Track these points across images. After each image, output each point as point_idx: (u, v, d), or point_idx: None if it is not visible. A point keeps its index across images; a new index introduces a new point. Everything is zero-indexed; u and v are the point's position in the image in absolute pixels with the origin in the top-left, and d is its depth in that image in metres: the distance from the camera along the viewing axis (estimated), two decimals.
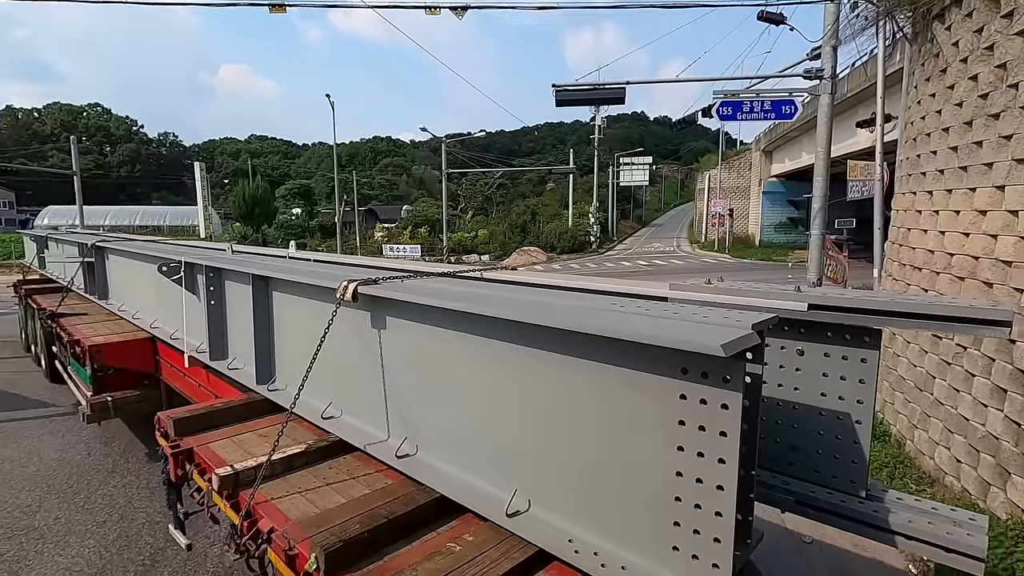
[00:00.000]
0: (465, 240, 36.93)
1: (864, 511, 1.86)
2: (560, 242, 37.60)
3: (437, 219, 38.30)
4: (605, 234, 44.45)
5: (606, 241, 43.63)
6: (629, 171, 48.86)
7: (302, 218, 48.05)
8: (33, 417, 6.88)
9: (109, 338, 5.16)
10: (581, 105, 39.62)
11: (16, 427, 6.59)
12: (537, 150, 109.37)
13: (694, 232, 50.25)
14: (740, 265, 28.60)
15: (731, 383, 1.35)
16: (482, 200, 53.42)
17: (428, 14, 10.34)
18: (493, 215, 50.57)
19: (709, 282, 2.24)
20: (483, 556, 1.80)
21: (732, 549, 1.39)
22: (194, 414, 3.00)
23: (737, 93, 10.90)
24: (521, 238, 37.77)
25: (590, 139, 49.68)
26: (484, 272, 2.94)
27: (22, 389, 7.80)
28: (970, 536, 1.72)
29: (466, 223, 45.37)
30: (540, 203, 48.45)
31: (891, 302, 1.81)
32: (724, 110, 10.68)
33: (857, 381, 1.90)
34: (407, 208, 53.39)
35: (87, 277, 6.70)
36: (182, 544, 2.99)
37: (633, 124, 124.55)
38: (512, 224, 40.05)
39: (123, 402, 5.22)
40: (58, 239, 8.46)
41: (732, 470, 1.37)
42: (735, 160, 43.82)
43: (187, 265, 3.88)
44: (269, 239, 37.02)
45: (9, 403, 7.34)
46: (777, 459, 2.10)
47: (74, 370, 5.75)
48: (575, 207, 42.80)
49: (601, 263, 31.41)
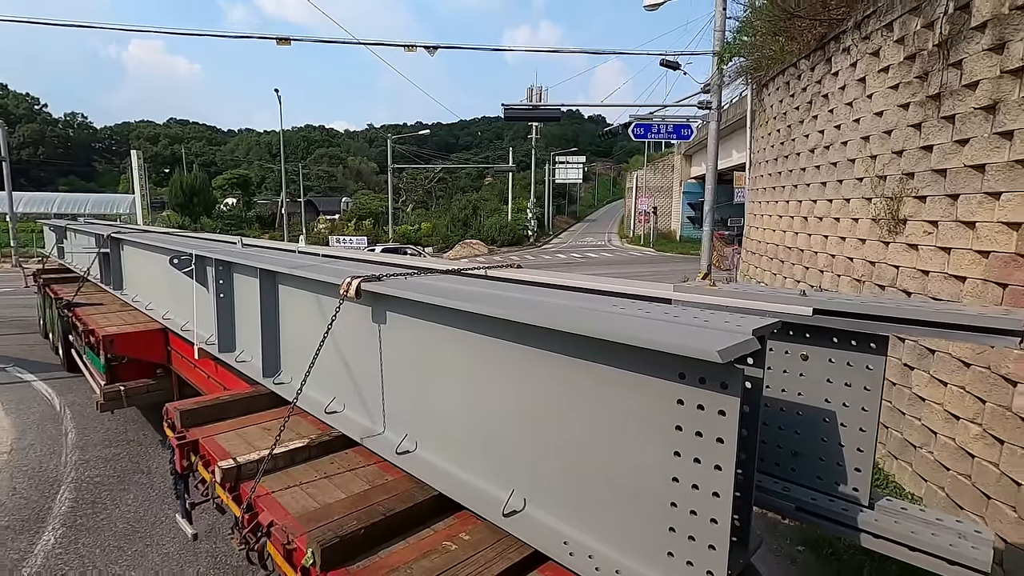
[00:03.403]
0: (409, 233, 38.37)
1: (866, 520, 1.82)
2: (500, 236, 39.74)
3: (380, 212, 39.53)
4: (542, 228, 47.10)
5: (543, 235, 46.05)
6: (564, 169, 51.83)
7: (238, 208, 47.33)
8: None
9: (122, 328, 5.20)
10: (526, 121, 41.96)
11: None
12: (475, 144, 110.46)
13: (624, 228, 52.93)
14: (660, 258, 32.02)
15: (729, 389, 1.33)
16: (423, 194, 54.84)
17: (406, 51, 12.34)
18: (434, 208, 52.14)
19: (713, 284, 2.22)
20: (478, 555, 1.80)
21: (727, 556, 1.38)
22: (200, 406, 3.03)
23: (651, 115, 13.59)
24: (463, 231, 39.63)
25: (527, 136, 52.25)
26: (489, 270, 2.95)
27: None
28: (974, 548, 1.67)
29: (408, 216, 46.72)
30: (480, 198, 50.49)
31: (897, 308, 1.76)
32: (638, 130, 13.33)
33: (862, 388, 1.86)
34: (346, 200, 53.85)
35: (103, 267, 6.79)
36: (188, 534, 3.01)
37: (568, 122, 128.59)
38: (454, 218, 41.81)
39: (135, 392, 5.27)
40: (76, 230, 8.58)
41: (728, 477, 1.35)
42: (660, 162, 48.10)
43: (198, 258, 3.90)
44: (207, 230, 36.53)
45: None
46: (779, 464, 2.07)
47: (89, 359, 5.82)
48: (514, 202, 45.27)
49: (539, 256, 33.72)
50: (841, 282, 5.81)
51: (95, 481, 5.40)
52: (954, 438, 4.02)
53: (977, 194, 3.89)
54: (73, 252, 8.84)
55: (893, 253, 4.89)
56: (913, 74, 4.71)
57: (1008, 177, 3.63)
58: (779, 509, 1.97)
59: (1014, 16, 3.63)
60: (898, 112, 4.94)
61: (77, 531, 4.58)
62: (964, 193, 4.03)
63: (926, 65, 4.52)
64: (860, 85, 5.64)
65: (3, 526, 4.64)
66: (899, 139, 4.90)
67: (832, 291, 4.83)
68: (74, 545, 4.38)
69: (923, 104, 4.57)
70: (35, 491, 5.21)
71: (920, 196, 4.55)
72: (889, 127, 5.06)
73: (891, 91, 5.06)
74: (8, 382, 8.25)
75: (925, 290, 4.43)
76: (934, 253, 4.34)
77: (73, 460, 5.80)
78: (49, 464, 5.73)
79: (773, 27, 7.75)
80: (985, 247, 3.79)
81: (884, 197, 5.00)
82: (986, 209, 3.81)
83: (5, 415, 7.03)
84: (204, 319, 4.00)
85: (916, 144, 4.64)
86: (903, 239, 4.75)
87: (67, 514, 4.85)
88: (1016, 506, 3.41)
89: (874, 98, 5.36)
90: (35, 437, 6.42)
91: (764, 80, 8.68)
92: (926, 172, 4.49)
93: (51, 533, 4.56)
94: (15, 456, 5.91)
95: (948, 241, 4.18)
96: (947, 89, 4.26)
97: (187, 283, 4.05)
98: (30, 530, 4.60)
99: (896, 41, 4.99)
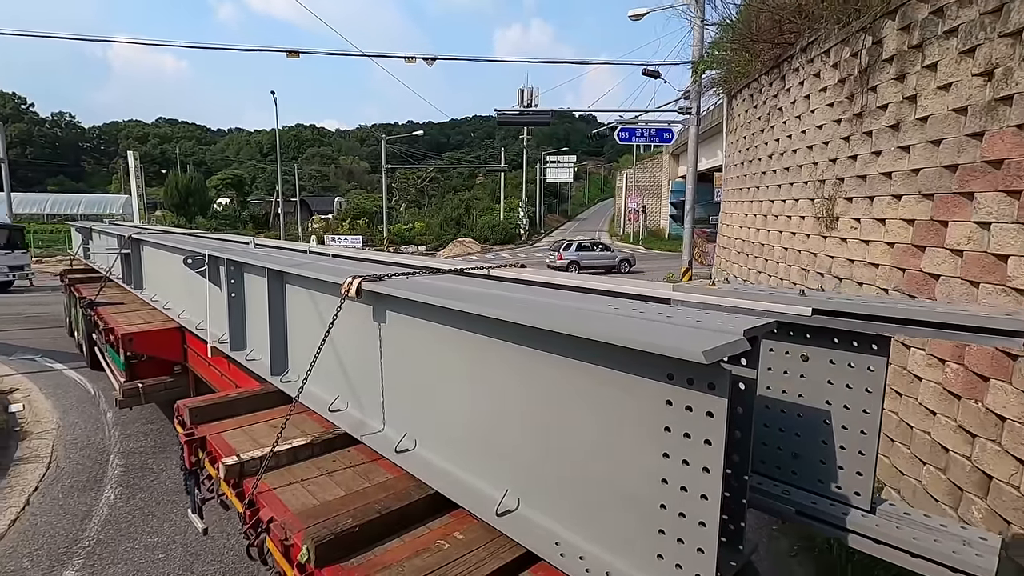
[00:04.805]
0: (403, 231, 39.11)
1: (867, 525, 1.78)
2: (493, 234, 40.55)
3: (374, 211, 40.22)
4: (533, 227, 47.97)
5: (534, 233, 46.95)
6: (555, 169, 52.70)
7: (232, 208, 47.81)
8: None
9: (141, 327, 5.34)
10: (517, 126, 42.44)
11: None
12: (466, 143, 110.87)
13: (614, 226, 53.59)
14: (648, 255, 32.90)
15: (716, 390, 1.31)
16: (415, 193, 55.60)
17: (407, 63, 13.13)
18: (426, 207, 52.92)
19: (714, 283, 2.20)
20: (471, 555, 1.80)
21: (716, 560, 1.37)
22: (209, 403, 3.08)
23: (636, 119, 14.46)
24: (456, 230, 40.43)
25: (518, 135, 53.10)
26: (491, 270, 2.96)
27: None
28: (979, 556, 1.62)
29: (402, 215, 47.45)
30: (473, 197, 51.33)
31: (898, 308, 1.72)
32: (623, 134, 14.21)
33: (864, 390, 1.83)
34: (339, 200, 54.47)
35: (124, 268, 7.01)
36: (199, 528, 3.06)
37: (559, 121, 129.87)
38: (447, 217, 42.61)
39: (153, 389, 5.41)
40: (101, 231, 8.94)
41: (716, 480, 1.34)
42: (649, 161, 49.14)
43: (211, 258, 3.98)
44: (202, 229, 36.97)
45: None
46: (780, 467, 2.04)
47: (110, 357, 6.01)
48: (506, 201, 46.15)
49: (530, 253, 34.58)
50: (792, 271, 6.66)
51: (139, 451, 6.11)
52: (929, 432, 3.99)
53: (887, 196, 4.74)
54: (96, 253, 9.28)
55: (829, 245, 5.74)
56: (844, 94, 5.55)
57: (906, 183, 4.47)
58: (779, 512, 1.95)
59: (911, 53, 4.48)
60: (833, 126, 5.78)
61: (132, 489, 5.31)
62: (878, 195, 4.87)
63: (852, 88, 5.36)
64: (806, 101, 6.49)
65: (69, 485, 5.37)
66: (833, 149, 5.74)
67: (832, 291, 4.96)
68: (132, 500, 5.11)
69: (851, 120, 5.42)
70: (88, 459, 5.93)
71: (848, 197, 5.40)
72: (827, 139, 5.91)
73: (828, 108, 5.90)
74: (41, 370, 8.89)
75: (852, 276, 5.27)
76: (858, 245, 5.19)
77: (116, 435, 6.50)
78: (95, 438, 6.43)
79: (741, 45, 8.61)
80: (891, 239, 4.64)
81: (823, 198, 5.86)
82: (892, 208, 4.65)
83: (45, 398, 7.70)
84: (217, 318, 4.08)
85: (846, 154, 5.48)
86: (836, 234, 5.59)
87: (120, 476, 5.58)
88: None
89: (815, 113, 6.20)
90: (77, 416, 7.10)
91: (733, 91, 9.55)
92: (853, 178, 5.33)
93: (110, 491, 5.29)
94: (64, 431, 6.60)
95: (867, 235, 5.02)
96: (867, 109, 5.10)
97: (201, 283, 4.14)
98: (92, 489, 5.33)
99: (832, 66, 5.83)
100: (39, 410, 7.27)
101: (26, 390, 7.96)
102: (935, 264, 4.05)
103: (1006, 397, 3.30)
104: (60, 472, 5.66)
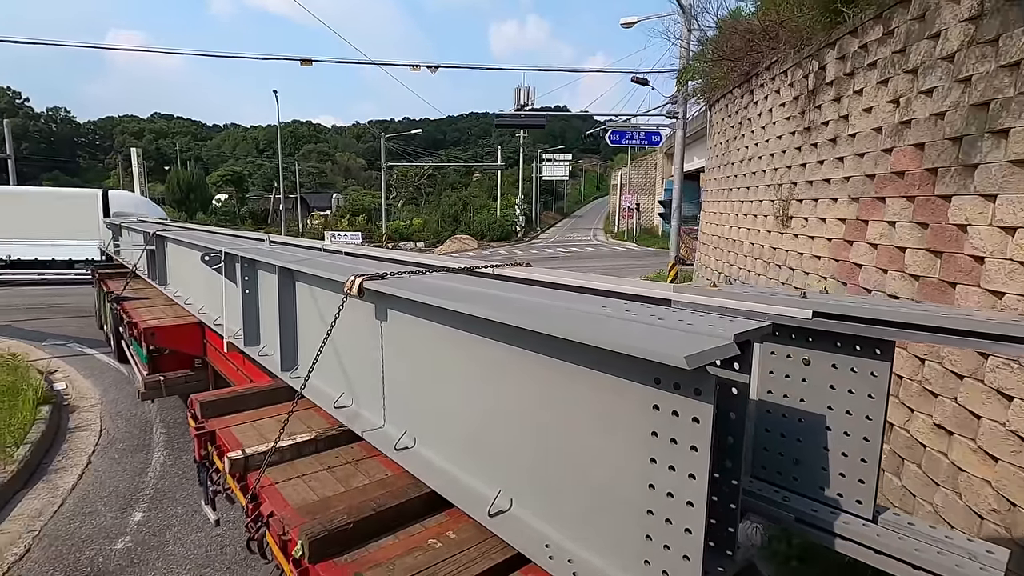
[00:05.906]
0: (401, 228, 39.79)
1: (868, 534, 1.73)
2: (490, 231, 41.02)
3: (373, 208, 40.90)
4: (530, 224, 48.33)
5: (531, 231, 47.14)
6: (551, 167, 53.37)
7: (231, 205, 48.39)
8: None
9: (163, 322, 5.51)
10: (514, 128, 43.10)
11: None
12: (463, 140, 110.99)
13: (609, 223, 53.36)
14: (641, 252, 33.53)
15: (702, 395, 1.30)
16: (412, 190, 56.35)
17: (411, 71, 14.01)
18: (423, 204, 53.65)
19: (714, 284, 2.17)
20: (462, 554, 1.81)
21: (701, 567, 1.36)
22: (220, 398, 3.14)
23: (626, 122, 15.31)
24: (454, 227, 40.86)
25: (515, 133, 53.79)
26: (496, 268, 2.97)
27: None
28: (983, 570, 1.57)
29: (400, 211, 48.18)
30: (470, 194, 52.03)
31: (901, 312, 1.66)
32: (614, 136, 15.06)
33: (867, 395, 1.78)
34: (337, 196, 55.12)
35: (149, 263, 7.19)
36: (212, 519, 3.13)
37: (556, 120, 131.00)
38: (445, 214, 43.00)
39: (174, 382, 5.59)
40: (129, 227, 9.19)
41: (702, 486, 1.33)
42: (643, 160, 49.75)
43: (226, 255, 4.05)
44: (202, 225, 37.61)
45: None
46: (780, 473, 2.01)
47: (134, 350, 6.22)
48: (502, 199, 46.71)
49: (526, 250, 35.10)
50: (757, 264, 7.52)
51: (179, 422, 6.85)
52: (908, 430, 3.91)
53: (827, 199, 5.57)
54: (124, 249, 9.61)
55: (784, 241, 6.59)
56: (797, 110, 6.39)
57: (840, 188, 5.31)
58: (779, 520, 1.91)
59: (845, 79, 5.33)
60: (789, 137, 6.61)
61: (178, 452, 6.09)
62: (820, 198, 5.71)
63: (803, 105, 6.20)
64: (769, 114, 7.32)
65: (123, 448, 6.17)
66: (788, 157, 6.58)
67: (834, 294, 4.98)
68: (179, 460, 5.89)
69: (802, 133, 6.26)
70: (135, 428, 6.71)
71: (799, 199, 6.24)
72: (784, 148, 6.75)
73: (785, 121, 6.74)
74: (74, 354, 9.62)
75: (800, 267, 6.11)
76: (806, 240, 6.03)
77: (155, 408, 7.28)
78: (137, 411, 7.20)
79: (717, 60, 9.44)
80: (830, 235, 5.48)
81: (780, 200, 6.70)
82: (831, 209, 5.49)
83: (84, 378, 8.42)
84: (233, 314, 4.17)
85: (798, 161, 6.32)
86: (790, 231, 6.43)
87: (165, 442, 6.36)
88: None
89: (776, 125, 7.03)
90: (117, 393, 7.81)
91: (712, 101, 10.41)
92: (803, 182, 6.17)
93: (159, 453, 6.08)
94: (107, 406, 7.37)
95: (812, 231, 5.85)
96: (813, 124, 5.94)
97: (219, 279, 4.23)
98: (143, 451, 6.12)
99: (789, 84, 6.67)
100: (81, 388, 8.00)
101: (64, 371, 8.66)
102: (859, 256, 4.89)
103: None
104: (112, 438, 6.44)
